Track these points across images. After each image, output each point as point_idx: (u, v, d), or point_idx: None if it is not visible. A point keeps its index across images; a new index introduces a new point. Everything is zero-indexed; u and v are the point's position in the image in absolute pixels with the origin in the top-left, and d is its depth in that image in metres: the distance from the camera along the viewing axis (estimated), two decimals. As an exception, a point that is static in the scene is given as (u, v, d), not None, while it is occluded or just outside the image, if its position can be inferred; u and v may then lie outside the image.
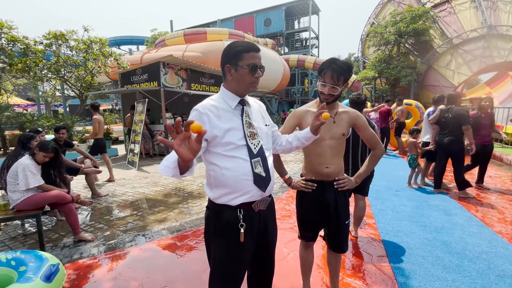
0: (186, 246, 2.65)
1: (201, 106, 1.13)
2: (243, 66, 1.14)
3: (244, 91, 1.19)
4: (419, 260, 2.30)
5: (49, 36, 8.89)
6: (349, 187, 1.59)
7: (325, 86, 1.46)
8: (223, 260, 1.18)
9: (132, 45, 32.75)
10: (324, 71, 1.46)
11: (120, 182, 5.24)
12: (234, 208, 1.16)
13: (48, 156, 2.74)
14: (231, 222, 1.16)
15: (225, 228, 1.17)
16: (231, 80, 1.17)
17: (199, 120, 1.10)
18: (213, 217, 1.20)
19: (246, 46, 1.15)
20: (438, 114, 4.01)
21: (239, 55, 1.13)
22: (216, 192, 1.17)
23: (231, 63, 1.15)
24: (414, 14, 13.20)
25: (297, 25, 31.52)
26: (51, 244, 2.75)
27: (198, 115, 1.11)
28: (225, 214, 1.17)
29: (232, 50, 1.15)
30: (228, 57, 1.16)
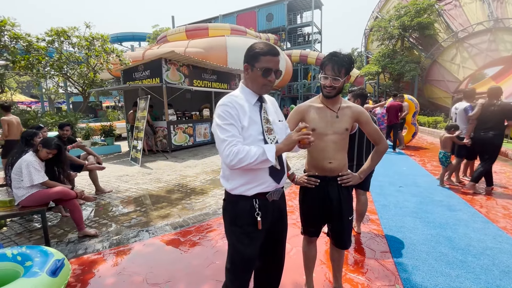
0: (189, 241, 2.67)
1: (229, 101, 1.18)
2: (257, 68, 1.20)
3: (257, 91, 1.26)
4: (423, 255, 2.29)
5: (51, 33, 8.90)
6: (352, 182, 1.58)
7: (327, 78, 1.46)
8: (238, 248, 1.25)
9: (133, 41, 32.71)
10: (325, 64, 1.46)
11: (123, 178, 5.28)
12: (250, 198, 1.23)
13: (51, 153, 2.76)
14: (246, 211, 1.23)
15: (241, 218, 1.23)
16: (247, 79, 1.25)
17: (231, 112, 1.16)
18: (229, 208, 1.27)
19: (264, 49, 1.20)
20: (480, 109, 3.89)
21: (256, 56, 1.20)
22: (233, 183, 1.23)
23: (249, 63, 1.22)
24: (419, 7, 13.01)
25: (299, 20, 31.20)
26: (56, 240, 2.78)
27: (228, 109, 1.16)
28: (241, 204, 1.24)
29: (252, 50, 1.21)
30: (248, 56, 1.22)
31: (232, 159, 1.10)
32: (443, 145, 4.23)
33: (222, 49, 14.76)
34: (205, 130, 9.20)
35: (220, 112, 1.17)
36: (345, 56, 1.44)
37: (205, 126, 9.19)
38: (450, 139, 4.15)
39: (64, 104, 23.60)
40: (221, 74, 9.88)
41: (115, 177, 5.39)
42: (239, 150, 1.10)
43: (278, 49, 1.25)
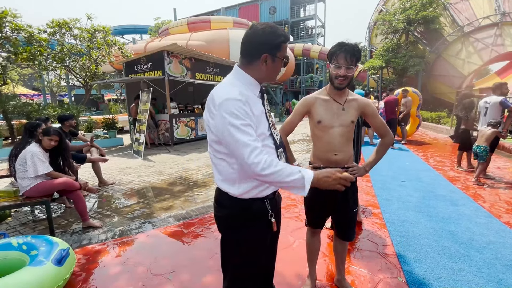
0: (192, 233, 2.69)
1: (239, 95, 0.99)
2: (280, 58, 1.08)
3: (269, 80, 1.14)
4: (425, 249, 2.29)
5: (52, 25, 8.85)
6: (358, 175, 1.58)
7: (340, 67, 1.42)
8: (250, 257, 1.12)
9: (135, 34, 32.48)
10: (336, 53, 1.42)
11: (126, 171, 5.30)
12: (262, 199, 1.10)
13: (53, 139, 2.76)
14: (260, 213, 1.10)
15: (256, 222, 1.10)
16: (263, 69, 1.07)
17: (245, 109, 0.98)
18: (239, 214, 1.10)
19: (286, 35, 1.07)
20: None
21: (280, 45, 1.06)
22: (243, 186, 1.06)
23: (271, 53, 1.05)
24: (425, 1, 12.77)
25: (302, 13, 30.79)
26: (61, 230, 2.81)
27: (242, 105, 0.98)
28: (255, 208, 1.09)
29: (276, 39, 1.04)
30: (270, 45, 1.04)
31: (265, 167, 0.92)
32: (485, 140, 4.16)
33: (224, 42, 14.63)
34: (207, 124, 9.18)
35: (233, 110, 0.96)
36: (355, 45, 1.42)
37: (207, 119, 9.16)
38: (495, 133, 4.14)
39: (66, 97, 23.60)
40: (223, 67, 9.82)
41: (117, 169, 5.41)
42: (272, 162, 0.94)
43: None
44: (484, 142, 4.13)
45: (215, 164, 1.11)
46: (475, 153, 4.21)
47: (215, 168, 1.12)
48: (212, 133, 1.05)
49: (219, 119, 0.98)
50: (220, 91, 1.02)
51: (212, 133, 1.05)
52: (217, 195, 1.16)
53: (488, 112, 4.34)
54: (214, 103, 1.01)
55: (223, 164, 1.07)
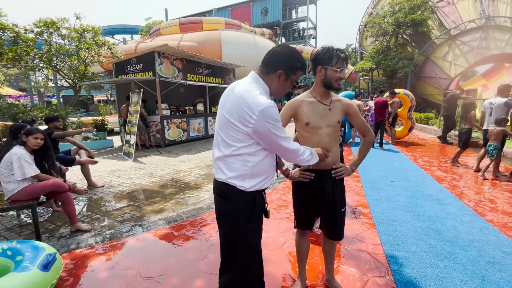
0: (183, 235, 2.67)
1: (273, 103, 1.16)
2: (292, 80, 1.24)
3: (274, 95, 1.30)
4: (413, 248, 2.35)
5: (39, 24, 8.63)
6: (345, 175, 1.62)
7: (342, 69, 1.49)
8: (255, 242, 1.29)
9: (126, 34, 32.06)
10: (333, 58, 1.47)
11: (116, 173, 5.22)
12: (261, 191, 1.28)
13: (38, 137, 2.71)
14: (261, 204, 1.28)
15: (258, 212, 1.28)
16: (275, 83, 1.24)
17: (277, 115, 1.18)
18: (245, 206, 1.24)
19: (304, 64, 1.26)
20: None
21: (296, 70, 1.23)
22: (253, 181, 1.22)
23: (286, 72, 1.21)
24: (413, 4, 13.07)
25: (294, 15, 31.02)
26: (48, 235, 2.75)
27: (276, 110, 1.16)
28: (257, 199, 1.26)
29: (294, 63, 1.22)
30: (287, 65, 1.21)
31: (303, 152, 1.29)
32: (494, 138, 4.35)
33: (216, 43, 14.60)
34: (199, 125, 9.14)
35: (274, 116, 1.14)
36: (344, 50, 1.56)
37: (199, 120, 9.13)
38: (502, 131, 4.32)
39: (54, 97, 23.09)
40: (215, 69, 9.79)
41: (107, 172, 5.33)
42: (302, 148, 1.30)
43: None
44: (494, 141, 4.35)
45: (228, 162, 1.22)
46: (487, 150, 4.43)
47: (226, 166, 1.23)
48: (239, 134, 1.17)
49: (262, 124, 1.13)
50: (254, 98, 1.14)
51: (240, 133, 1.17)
52: (223, 189, 1.26)
53: (493, 112, 4.60)
54: (253, 109, 1.12)
55: (237, 162, 1.21)
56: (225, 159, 1.22)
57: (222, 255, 1.32)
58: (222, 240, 1.30)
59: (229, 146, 1.20)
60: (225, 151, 1.21)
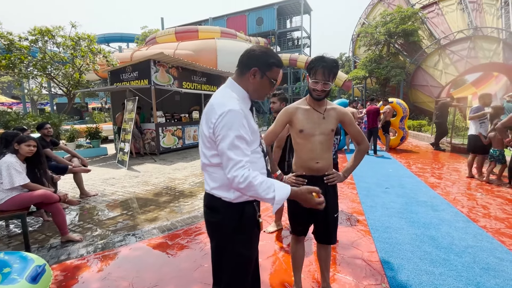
0: (177, 245, 2.63)
1: (238, 107, 1.07)
2: (269, 78, 1.17)
3: (255, 97, 1.22)
4: (408, 255, 2.34)
5: (34, 32, 8.62)
6: (338, 181, 1.64)
7: (318, 83, 1.49)
8: (246, 254, 1.21)
9: (121, 42, 32.20)
10: (315, 68, 1.49)
11: (109, 181, 5.15)
12: (251, 202, 1.19)
13: (31, 144, 2.67)
14: (251, 215, 1.19)
15: (248, 224, 1.19)
16: (251, 82, 1.17)
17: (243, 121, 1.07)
18: (232, 217, 1.16)
19: (280, 61, 1.19)
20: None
21: (271, 66, 1.16)
22: (237, 192, 1.13)
23: (260, 69, 1.15)
24: (403, 15, 13.44)
25: (289, 24, 31.60)
26: (37, 245, 2.67)
27: (241, 119, 1.06)
28: (246, 210, 1.18)
29: (269, 59, 1.15)
30: (261, 62, 1.15)
31: (241, 182, 1.02)
32: (497, 144, 4.41)
33: (212, 51, 14.74)
34: (195, 133, 9.13)
35: (234, 122, 1.04)
36: (333, 60, 1.49)
37: (195, 128, 9.12)
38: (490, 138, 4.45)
39: (47, 105, 22.86)
40: (210, 77, 9.85)
41: (100, 180, 5.25)
42: (248, 177, 1.02)
43: None
44: (497, 146, 4.43)
45: (210, 172, 1.17)
46: (491, 156, 4.49)
47: (208, 176, 1.19)
48: (208, 142, 1.11)
49: (221, 128, 1.05)
50: (221, 102, 1.09)
51: (209, 141, 1.11)
52: (210, 200, 1.21)
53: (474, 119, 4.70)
54: (216, 113, 1.06)
55: (219, 172, 1.14)
56: (207, 169, 1.18)
57: (213, 267, 1.27)
58: (212, 252, 1.26)
59: (204, 155, 1.16)
60: (205, 160, 1.17)
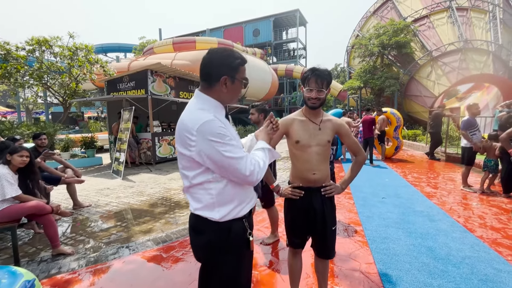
0: (172, 257, 2.57)
1: (213, 117, 1.02)
2: (239, 79, 1.12)
3: (230, 103, 1.18)
4: (406, 266, 2.32)
5: (32, 42, 8.66)
6: (335, 193, 1.62)
7: (312, 90, 1.52)
8: (234, 276, 1.13)
9: (119, 52, 32.42)
10: (308, 78, 1.53)
11: (104, 192, 5.07)
12: (241, 219, 1.13)
13: (24, 155, 2.63)
14: (240, 234, 1.12)
15: (235, 242, 1.11)
16: (224, 92, 1.10)
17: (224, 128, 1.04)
18: (219, 238, 1.09)
19: (242, 57, 1.12)
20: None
21: (238, 67, 1.10)
22: (222, 210, 1.08)
23: (229, 75, 1.08)
24: (396, 27, 13.82)
25: (285, 35, 32.23)
26: (27, 259, 2.59)
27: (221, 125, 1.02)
28: (234, 229, 1.10)
29: (233, 61, 1.09)
30: (227, 68, 1.08)
31: (258, 171, 1.05)
32: (493, 154, 4.44)
33: (209, 62, 14.87)
34: (191, 142, 9.09)
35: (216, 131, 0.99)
36: (325, 70, 1.53)
37: (191, 138, 9.08)
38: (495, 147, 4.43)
39: (42, 114, 22.71)
40: (207, 87, 9.90)
41: (94, 190, 5.17)
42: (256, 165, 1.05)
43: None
44: (493, 156, 4.46)
45: (192, 193, 1.11)
46: (486, 165, 4.51)
47: (191, 197, 1.12)
48: (189, 161, 1.06)
49: (203, 143, 0.99)
50: (193, 117, 1.03)
51: (189, 161, 1.05)
52: (194, 222, 1.13)
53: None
54: (190, 129, 1.00)
55: (200, 192, 1.08)
56: (189, 190, 1.12)
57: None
58: (199, 274, 1.19)
59: (186, 177, 1.10)
60: (187, 183, 1.11)
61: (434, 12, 14.34)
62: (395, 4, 15.86)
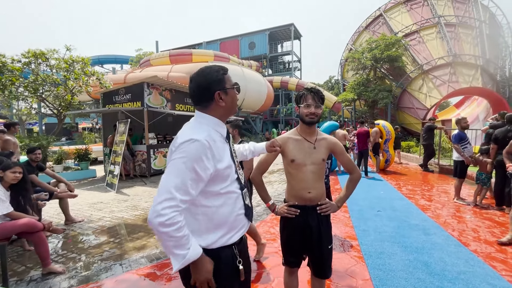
0: (166, 275, 2.52)
1: (204, 138, 0.98)
2: (232, 87, 1.12)
3: (232, 113, 1.17)
4: (402, 282, 2.31)
5: (28, 55, 8.69)
6: (331, 211, 1.63)
7: (310, 106, 1.57)
8: None
9: (116, 64, 32.65)
10: (304, 96, 1.59)
11: (97, 206, 4.98)
12: (230, 246, 1.08)
13: (17, 171, 2.60)
14: (229, 262, 1.07)
15: (223, 273, 1.06)
16: (223, 106, 1.10)
17: (202, 155, 0.97)
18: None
19: (223, 67, 1.13)
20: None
21: (223, 79, 1.10)
22: (211, 236, 1.05)
23: (221, 89, 1.09)
24: (388, 42, 14.26)
25: (280, 48, 32.93)
26: (16, 278, 2.52)
27: (202, 149, 0.97)
28: (223, 257, 1.06)
29: (216, 75, 1.09)
30: (216, 83, 1.08)
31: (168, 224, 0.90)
32: (484, 168, 4.48)
33: (205, 74, 15.05)
34: (187, 154, 9.06)
35: (193, 153, 0.95)
36: (317, 88, 1.62)
37: (187, 150, 9.06)
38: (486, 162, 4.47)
39: (36, 125, 22.48)
40: (203, 99, 9.98)
41: (87, 204, 5.08)
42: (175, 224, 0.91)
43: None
44: (483, 170, 4.50)
45: None
46: (478, 178, 4.55)
47: None
48: None
49: (174, 153, 0.97)
50: (187, 131, 1.03)
51: None
52: None
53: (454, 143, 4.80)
54: (176, 143, 0.99)
55: (187, 215, 1.03)
56: None
57: None
58: None
59: None
60: None
61: (423, 27, 14.87)
62: (387, 19, 16.43)
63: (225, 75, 1.11)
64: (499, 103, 12.69)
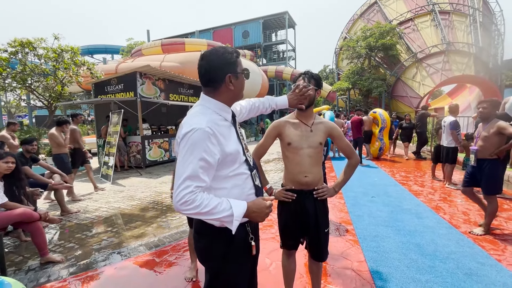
0: (165, 262, 2.56)
1: (206, 125, 0.98)
2: (242, 72, 1.10)
3: (239, 99, 1.17)
4: (395, 263, 2.39)
5: (14, 44, 8.39)
6: (328, 196, 1.65)
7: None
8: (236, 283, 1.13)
9: (106, 54, 31.77)
10: (297, 78, 1.63)
11: (93, 197, 4.96)
12: (243, 224, 1.11)
13: (9, 161, 2.57)
14: (242, 239, 1.11)
15: (237, 249, 1.11)
16: (231, 90, 1.09)
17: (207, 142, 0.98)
18: (220, 243, 1.09)
19: (236, 51, 1.10)
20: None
21: (236, 62, 1.07)
22: None
23: (232, 72, 1.06)
24: (382, 30, 14.19)
25: (274, 37, 32.44)
26: (14, 268, 2.52)
27: (206, 136, 0.97)
28: (237, 234, 1.07)
29: (230, 57, 1.06)
30: (229, 65, 1.05)
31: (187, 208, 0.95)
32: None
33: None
34: (182, 145, 9.02)
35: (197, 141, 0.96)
36: (314, 73, 1.62)
37: (182, 140, 9.02)
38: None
39: (26, 117, 21.97)
40: (197, 89, 9.87)
41: (83, 196, 5.05)
42: (201, 200, 0.95)
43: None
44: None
45: None
46: (465, 164, 4.66)
47: None
48: None
49: (182, 147, 0.99)
50: (189, 120, 1.03)
51: None
52: (197, 224, 1.14)
53: (445, 130, 4.87)
54: (181, 134, 1.00)
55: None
56: None
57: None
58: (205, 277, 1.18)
59: None
60: None
61: (418, 15, 14.81)
62: (381, 7, 16.30)
63: (238, 58, 1.09)
64: (491, 91, 12.87)
